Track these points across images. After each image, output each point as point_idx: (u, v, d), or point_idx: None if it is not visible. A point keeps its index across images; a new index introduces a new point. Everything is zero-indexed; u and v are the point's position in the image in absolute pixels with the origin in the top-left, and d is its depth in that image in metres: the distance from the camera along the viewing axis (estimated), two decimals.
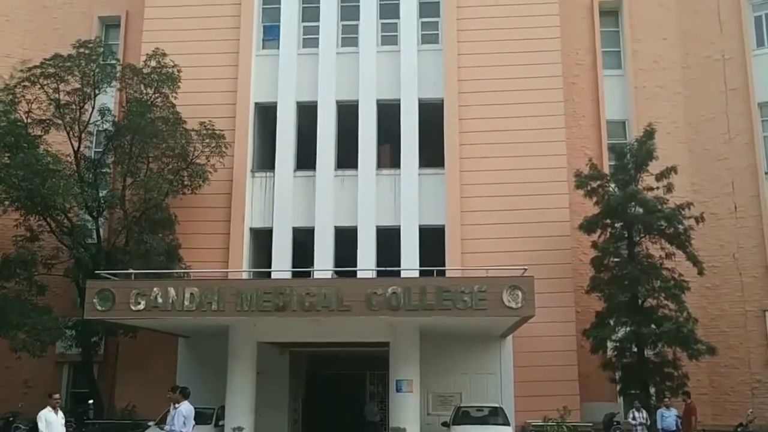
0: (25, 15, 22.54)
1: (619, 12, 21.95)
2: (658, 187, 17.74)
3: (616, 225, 18.11)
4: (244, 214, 19.42)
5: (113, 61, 19.23)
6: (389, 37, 20.42)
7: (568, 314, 18.19)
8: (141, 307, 14.50)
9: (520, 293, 14.07)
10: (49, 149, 17.64)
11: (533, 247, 18.17)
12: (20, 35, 22.25)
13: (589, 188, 18.15)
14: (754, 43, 20.66)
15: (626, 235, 17.98)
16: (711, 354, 17.11)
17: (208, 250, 19.01)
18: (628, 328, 17.24)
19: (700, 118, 20.71)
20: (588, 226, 18.10)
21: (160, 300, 14.50)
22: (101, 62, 18.23)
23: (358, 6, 20.49)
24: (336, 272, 18.15)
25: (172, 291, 14.55)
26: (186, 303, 14.48)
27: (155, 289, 14.59)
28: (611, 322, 17.45)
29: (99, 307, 14.63)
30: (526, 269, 14.64)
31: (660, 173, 17.74)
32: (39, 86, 17.67)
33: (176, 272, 17.41)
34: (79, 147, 18.24)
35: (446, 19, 20.04)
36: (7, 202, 17.24)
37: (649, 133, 17.95)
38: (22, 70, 17.71)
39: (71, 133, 18.12)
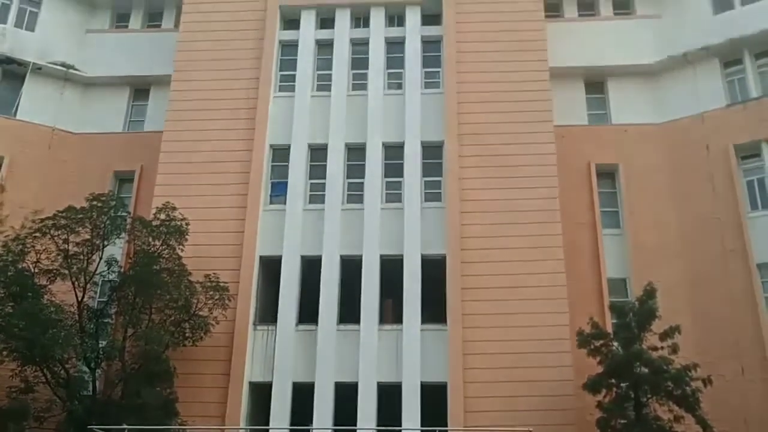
0: (43, 168, 23.19)
1: (615, 174, 22.68)
2: (662, 347, 17.54)
3: (621, 385, 17.76)
4: (244, 367, 19.19)
5: (124, 214, 19.66)
6: (393, 194, 21.03)
7: None
8: None
9: None
10: (53, 299, 17.68)
11: (537, 407, 17.79)
12: (36, 186, 22.72)
13: (592, 347, 17.98)
14: (748, 206, 21.18)
15: (632, 396, 17.59)
16: None
17: (205, 404, 18.58)
18: None
19: (700, 278, 20.82)
20: (593, 385, 17.69)
21: None
22: (112, 215, 18.64)
23: (364, 165, 21.26)
24: (335, 431, 17.65)
25: None
26: None
27: None
28: None
29: None
30: (531, 430, 14.27)
31: (663, 332, 17.60)
32: (49, 237, 17.96)
33: (171, 428, 16.95)
34: (83, 297, 18.29)
35: (449, 180, 20.73)
36: (5, 353, 17.05)
37: (650, 293, 17.94)
38: (34, 221, 18.09)
39: (77, 283, 18.23)
